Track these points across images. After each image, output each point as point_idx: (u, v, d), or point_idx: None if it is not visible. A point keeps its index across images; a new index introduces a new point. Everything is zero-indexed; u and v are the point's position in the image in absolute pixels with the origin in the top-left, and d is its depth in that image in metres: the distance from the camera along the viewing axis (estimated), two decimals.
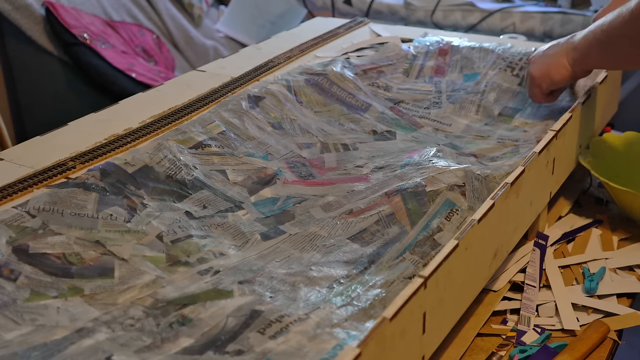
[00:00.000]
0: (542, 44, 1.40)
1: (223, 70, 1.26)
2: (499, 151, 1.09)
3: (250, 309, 0.72)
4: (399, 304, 0.65)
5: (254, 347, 0.67)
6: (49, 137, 1.01)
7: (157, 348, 0.69)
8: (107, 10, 2.21)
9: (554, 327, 0.89)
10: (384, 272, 0.79)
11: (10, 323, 0.69)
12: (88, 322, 0.71)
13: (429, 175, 0.94)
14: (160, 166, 0.93)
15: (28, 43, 2.00)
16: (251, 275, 0.80)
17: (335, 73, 1.22)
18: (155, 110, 1.09)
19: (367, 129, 1.14)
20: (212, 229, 0.88)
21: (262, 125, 1.08)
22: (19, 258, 0.76)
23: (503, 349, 0.86)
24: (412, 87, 1.29)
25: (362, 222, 0.90)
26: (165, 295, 0.76)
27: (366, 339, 0.61)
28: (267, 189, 0.98)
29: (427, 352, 0.74)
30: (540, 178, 0.98)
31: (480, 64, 1.31)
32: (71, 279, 0.76)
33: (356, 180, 1.00)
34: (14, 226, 0.79)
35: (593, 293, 0.94)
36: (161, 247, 0.83)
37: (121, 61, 2.04)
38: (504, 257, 0.91)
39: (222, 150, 1.01)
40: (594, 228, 1.09)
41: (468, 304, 0.83)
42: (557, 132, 1.00)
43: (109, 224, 0.83)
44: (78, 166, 0.92)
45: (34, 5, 1.99)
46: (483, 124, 1.19)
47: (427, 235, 0.85)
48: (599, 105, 1.19)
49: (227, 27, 2.65)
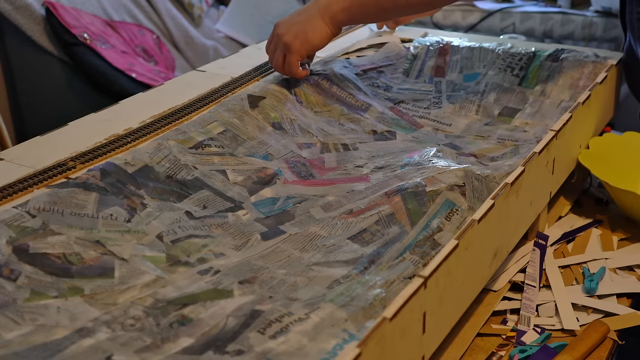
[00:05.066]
0: (542, 44, 1.40)
1: (223, 70, 1.26)
2: (499, 151, 1.09)
3: (250, 309, 0.72)
4: (399, 304, 0.65)
5: (254, 347, 0.67)
6: (49, 137, 1.01)
7: (157, 348, 0.69)
8: (107, 10, 2.21)
9: (554, 327, 0.89)
10: (384, 272, 0.79)
11: (11, 323, 0.69)
12: (88, 322, 0.71)
13: (429, 175, 0.94)
14: (160, 166, 0.93)
15: (28, 43, 2.00)
16: (251, 275, 0.80)
17: (335, 73, 1.22)
18: (155, 110, 1.09)
19: (367, 129, 1.14)
20: (212, 229, 0.88)
21: (262, 125, 1.08)
22: (19, 258, 0.76)
23: (503, 349, 0.86)
24: (412, 87, 1.29)
25: (362, 222, 0.90)
26: (165, 295, 0.76)
27: (366, 339, 0.61)
28: (267, 189, 0.98)
29: (427, 352, 0.74)
30: (540, 178, 0.98)
31: (480, 64, 1.31)
32: (71, 278, 0.76)
33: (356, 180, 1.00)
34: (14, 226, 0.79)
35: (593, 293, 0.94)
36: (161, 247, 0.83)
37: (121, 61, 2.04)
38: (504, 257, 0.91)
39: (222, 150, 1.01)
40: (594, 228, 1.09)
41: (468, 304, 0.83)
42: (557, 132, 1.00)
43: (109, 224, 0.83)
44: (78, 166, 0.92)
45: (34, 5, 1.99)
46: (483, 124, 1.19)
47: (427, 235, 0.85)
48: (599, 105, 1.19)
49: (227, 27, 2.65)
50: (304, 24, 1.13)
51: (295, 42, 1.13)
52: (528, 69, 1.28)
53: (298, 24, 1.14)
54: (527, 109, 1.22)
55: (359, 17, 1.16)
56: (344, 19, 1.12)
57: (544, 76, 1.26)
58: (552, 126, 1.02)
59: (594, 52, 1.29)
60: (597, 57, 1.27)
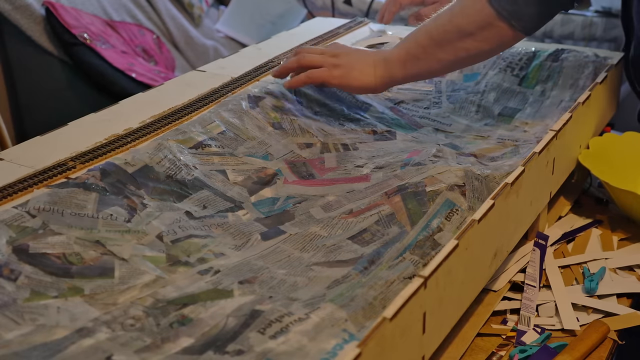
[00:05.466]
0: (542, 44, 1.40)
1: (223, 70, 1.26)
2: (499, 151, 1.09)
3: (250, 309, 0.72)
4: (399, 304, 0.65)
5: (254, 347, 0.67)
6: (49, 137, 1.01)
7: (157, 348, 0.69)
8: (107, 10, 2.21)
9: (554, 327, 0.89)
10: (384, 272, 0.79)
11: (11, 323, 0.69)
12: (88, 322, 0.71)
13: (429, 175, 0.94)
14: (160, 166, 0.93)
15: (28, 43, 2.00)
16: (251, 275, 0.80)
17: None
18: (155, 110, 1.09)
19: (367, 129, 1.14)
20: (212, 229, 0.88)
21: (262, 125, 1.08)
22: (19, 258, 0.76)
23: (503, 349, 0.86)
24: (412, 87, 1.29)
25: (362, 222, 0.90)
26: (165, 295, 0.76)
27: (366, 339, 0.61)
28: (267, 189, 0.98)
29: (427, 352, 0.74)
30: (540, 178, 0.98)
31: (480, 64, 1.31)
32: (71, 278, 0.76)
33: (356, 180, 1.00)
34: (14, 226, 0.79)
35: (593, 293, 0.94)
36: (161, 247, 0.83)
37: (121, 61, 2.04)
38: (504, 257, 0.91)
39: (222, 150, 1.01)
40: (594, 228, 1.09)
41: (468, 304, 0.83)
42: (557, 132, 1.00)
43: (109, 224, 0.83)
44: (78, 166, 0.92)
45: (34, 5, 1.99)
46: (483, 124, 1.19)
47: (427, 235, 0.85)
48: (599, 105, 1.19)
49: (227, 27, 2.64)
50: (356, 61, 1.10)
51: (336, 71, 1.10)
52: (528, 69, 1.28)
53: (351, 56, 1.11)
54: (527, 109, 1.22)
55: (412, 71, 1.10)
56: (397, 72, 1.09)
57: (544, 76, 1.26)
58: (552, 126, 1.02)
59: (594, 52, 1.29)
60: (597, 57, 1.27)
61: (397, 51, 1.09)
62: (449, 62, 1.07)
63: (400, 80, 1.12)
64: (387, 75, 1.10)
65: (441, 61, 1.07)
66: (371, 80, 1.10)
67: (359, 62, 1.10)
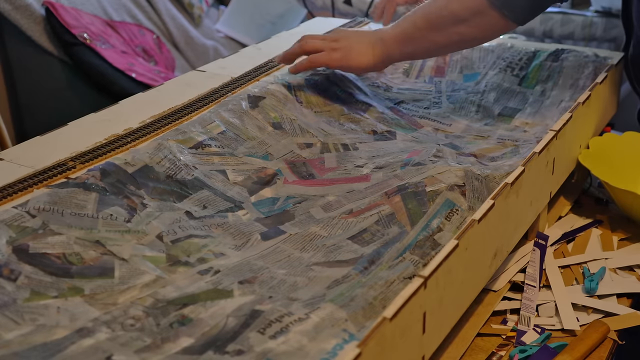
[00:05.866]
0: (542, 44, 1.40)
1: (223, 70, 1.26)
2: (499, 151, 1.09)
3: (250, 309, 0.72)
4: (399, 304, 0.65)
5: (254, 347, 0.67)
6: (49, 137, 1.01)
7: (157, 348, 0.69)
8: (107, 10, 2.21)
9: (554, 327, 0.89)
10: (384, 272, 0.79)
11: (10, 323, 0.69)
12: (88, 322, 0.71)
13: (429, 175, 0.94)
14: (160, 166, 0.93)
15: (28, 43, 2.00)
16: (251, 275, 0.80)
17: (335, 73, 1.22)
18: (155, 110, 1.09)
19: (367, 129, 1.14)
20: (212, 229, 0.88)
21: (262, 125, 1.08)
22: (19, 258, 0.76)
23: (503, 349, 0.86)
24: (412, 87, 1.29)
25: (362, 222, 0.90)
26: (165, 295, 0.76)
27: (366, 339, 0.61)
28: (267, 189, 0.98)
29: (427, 352, 0.74)
30: (540, 178, 0.98)
31: (480, 64, 1.31)
32: (71, 278, 0.76)
33: (356, 180, 1.00)
34: (14, 226, 0.79)
35: (593, 293, 0.94)
36: (161, 247, 0.83)
37: (121, 61, 2.04)
38: (504, 257, 0.91)
39: (222, 150, 1.01)
40: (594, 228, 1.09)
41: (468, 304, 0.83)
42: (557, 132, 1.00)
43: (109, 224, 0.83)
44: (78, 166, 0.92)
45: (34, 5, 1.99)
46: (483, 124, 1.19)
47: (427, 235, 0.85)
48: (599, 105, 1.19)
49: (227, 27, 2.64)
50: (355, 43, 1.14)
51: (335, 54, 1.14)
52: (528, 69, 1.28)
53: (350, 38, 1.15)
54: (527, 109, 1.22)
55: (408, 50, 1.14)
56: (394, 50, 1.12)
57: (544, 76, 1.26)
58: (552, 126, 1.02)
59: (594, 52, 1.29)
60: (597, 57, 1.27)
61: (393, 31, 1.13)
62: (444, 44, 1.11)
63: (397, 58, 1.16)
64: (385, 54, 1.14)
65: (436, 43, 1.11)
66: (370, 59, 1.14)
67: (358, 43, 1.14)
